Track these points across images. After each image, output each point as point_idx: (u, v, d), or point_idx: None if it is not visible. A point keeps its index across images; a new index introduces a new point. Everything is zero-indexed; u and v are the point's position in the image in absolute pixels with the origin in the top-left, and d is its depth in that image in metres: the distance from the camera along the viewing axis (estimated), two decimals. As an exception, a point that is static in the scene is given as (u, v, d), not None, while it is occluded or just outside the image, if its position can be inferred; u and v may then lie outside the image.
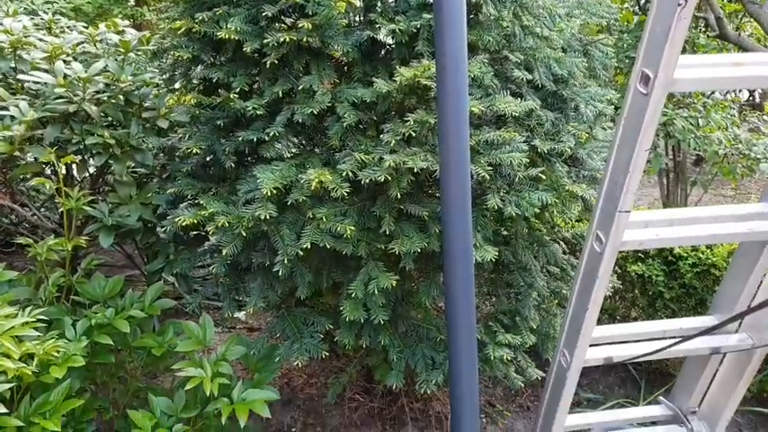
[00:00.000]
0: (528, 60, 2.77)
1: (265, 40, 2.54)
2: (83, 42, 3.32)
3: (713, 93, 6.70)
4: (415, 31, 2.59)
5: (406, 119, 2.44)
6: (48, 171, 3.28)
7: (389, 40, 2.70)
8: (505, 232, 3.00)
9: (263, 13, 2.60)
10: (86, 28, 3.93)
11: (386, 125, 2.54)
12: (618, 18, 5.95)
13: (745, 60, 1.61)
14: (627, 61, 5.99)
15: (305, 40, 2.55)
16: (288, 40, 2.49)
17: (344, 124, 2.57)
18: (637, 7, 7.09)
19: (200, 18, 2.66)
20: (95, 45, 3.30)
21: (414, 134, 2.41)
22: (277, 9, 2.59)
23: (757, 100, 11.57)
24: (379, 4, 2.81)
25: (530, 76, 2.72)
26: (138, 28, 7.03)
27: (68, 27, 4.14)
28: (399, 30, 2.55)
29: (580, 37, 3.05)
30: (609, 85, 3.14)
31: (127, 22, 4.12)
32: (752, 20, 6.36)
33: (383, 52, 2.82)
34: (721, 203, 7.77)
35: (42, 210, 3.98)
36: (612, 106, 2.96)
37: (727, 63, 1.60)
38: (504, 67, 2.77)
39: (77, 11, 7.05)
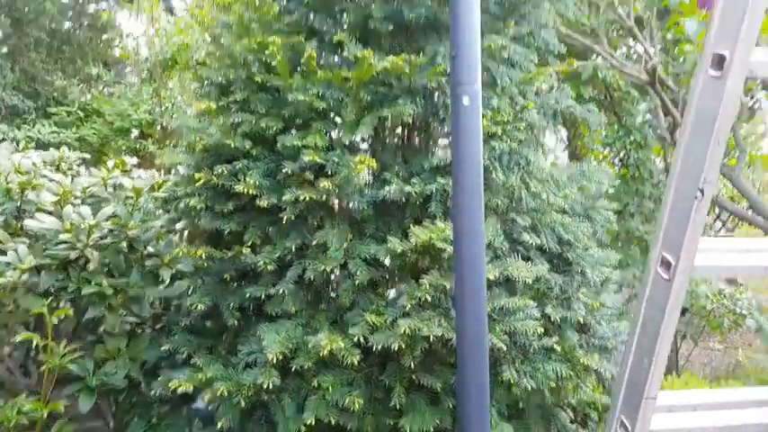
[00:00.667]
0: (535, 224, 2.83)
1: (284, 197, 2.57)
2: (93, 185, 3.33)
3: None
4: (428, 193, 2.65)
5: (420, 281, 2.41)
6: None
7: (403, 199, 2.75)
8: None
9: (283, 170, 2.66)
10: (92, 163, 3.98)
11: (399, 285, 2.50)
12: (615, 185, 6.26)
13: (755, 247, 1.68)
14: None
15: (323, 198, 2.58)
16: (308, 198, 2.52)
17: (356, 282, 2.53)
18: (617, 159, 7.51)
19: (220, 171, 2.70)
20: (106, 187, 3.32)
21: (429, 298, 2.37)
22: (298, 166, 2.65)
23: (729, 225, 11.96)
24: (391, 163, 2.91)
25: (538, 241, 2.76)
26: (142, 161, 7.20)
27: (77, 163, 4.18)
28: (415, 192, 2.61)
29: (581, 201, 3.16)
30: (610, 248, 3.19)
31: (135, 160, 4.19)
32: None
33: (396, 210, 2.86)
34: (711, 357, 7.71)
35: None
36: (617, 270, 2.99)
37: (740, 249, 1.66)
38: (512, 229, 2.82)
39: (82, 141, 7.24)
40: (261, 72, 2.84)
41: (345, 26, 3.00)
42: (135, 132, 7.89)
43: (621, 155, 7.17)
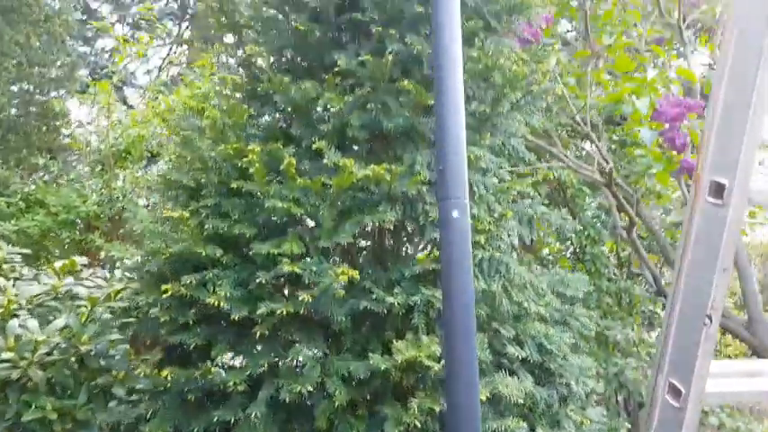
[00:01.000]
0: (518, 334, 2.75)
1: (258, 310, 2.40)
2: (44, 294, 3.05)
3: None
4: (411, 304, 2.55)
5: (408, 403, 2.25)
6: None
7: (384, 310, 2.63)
8: None
9: (257, 279, 2.51)
10: (33, 258, 3.68)
11: (381, 407, 2.33)
12: (591, 292, 6.35)
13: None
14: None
15: (301, 311, 2.44)
16: (285, 312, 2.37)
17: (335, 403, 2.34)
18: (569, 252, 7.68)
19: (188, 281, 2.53)
20: (57, 296, 3.05)
21: (418, 424, 2.20)
22: (273, 275, 2.51)
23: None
24: (370, 271, 2.81)
25: (523, 353, 2.67)
26: (87, 254, 6.80)
27: (20, 264, 3.87)
28: (398, 303, 2.50)
29: (560, 307, 3.12)
30: (587, 354, 3.14)
31: (85, 260, 3.92)
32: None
33: (376, 321, 2.73)
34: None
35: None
36: (601, 382, 2.91)
37: (747, 372, 1.63)
38: (495, 341, 2.73)
39: (21, 233, 6.80)
40: (236, 178, 2.75)
41: (322, 132, 2.99)
42: (81, 224, 7.54)
43: (577, 249, 7.35)
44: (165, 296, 2.50)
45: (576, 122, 5.15)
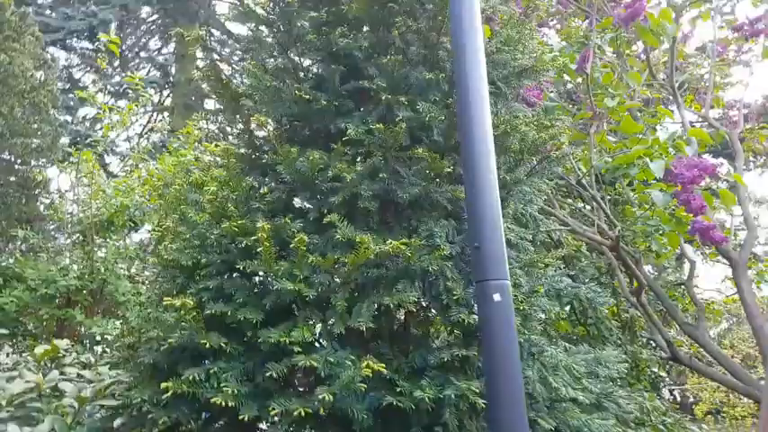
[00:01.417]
0: (558, 425, 2.48)
1: (271, 410, 2.11)
2: (27, 392, 2.70)
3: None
4: (441, 397, 2.28)
5: None
6: None
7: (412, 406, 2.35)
8: None
9: (266, 373, 2.23)
10: (9, 337, 3.32)
11: None
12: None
13: None
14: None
15: (318, 410, 2.15)
16: (303, 412, 2.08)
17: None
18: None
19: (191, 377, 2.23)
20: (41, 394, 2.69)
21: None
22: (284, 367, 2.24)
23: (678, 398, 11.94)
24: (390, 357, 2.54)
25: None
26: (69, 334, 6.38)
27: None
28: (428, 397, 2.22)
29: (596, 389, 2.86)
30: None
31: (66, 343, 3.57)
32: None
33: (401, 417, 2.44)
34: None
35: None
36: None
37: None
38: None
39: (-2, 310, 6.37)
40: (240, 257, 2.51)
41: (331, 203, 2.78)
42: (61, 299, 7.11)
43: (578, 312, 7.12)
44: (167, 396, 2.20)
45: (578, 185, 5.05)
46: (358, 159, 2.87)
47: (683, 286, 7.76)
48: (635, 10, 4.46)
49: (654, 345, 6.85)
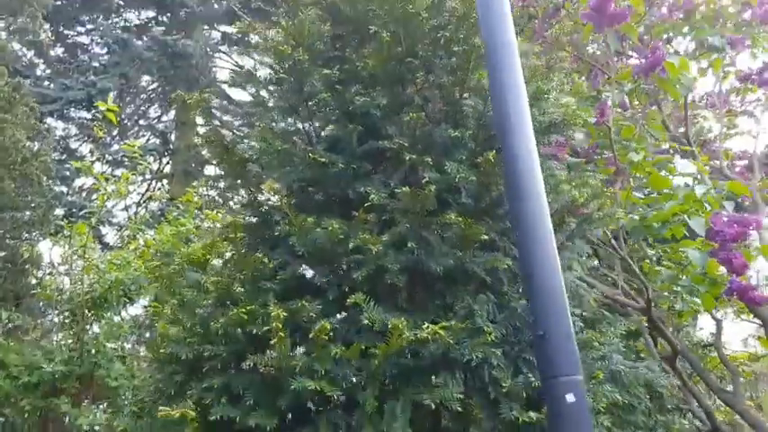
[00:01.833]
0: None
1: None
2: None
3: None
4: None
5: None
6: None
7: None
8: None
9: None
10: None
11: None
12: None
13: None
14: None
15: None
16: None
17: None
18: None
19: None
20: None
21: None
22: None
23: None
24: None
25: None
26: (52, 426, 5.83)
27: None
28: None
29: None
30: None
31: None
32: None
33: None
34: None
35: None
36: None
37: None
38: None
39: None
40: (250, 348, 2.13)
41: (353, 280, 2.42)
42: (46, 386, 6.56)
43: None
44: None
45: (606, 244, 4.73)
46: (383, 228, 2.54)
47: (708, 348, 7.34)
48: (654, 60, 4.27)
49: (690, 414, 6.31)
